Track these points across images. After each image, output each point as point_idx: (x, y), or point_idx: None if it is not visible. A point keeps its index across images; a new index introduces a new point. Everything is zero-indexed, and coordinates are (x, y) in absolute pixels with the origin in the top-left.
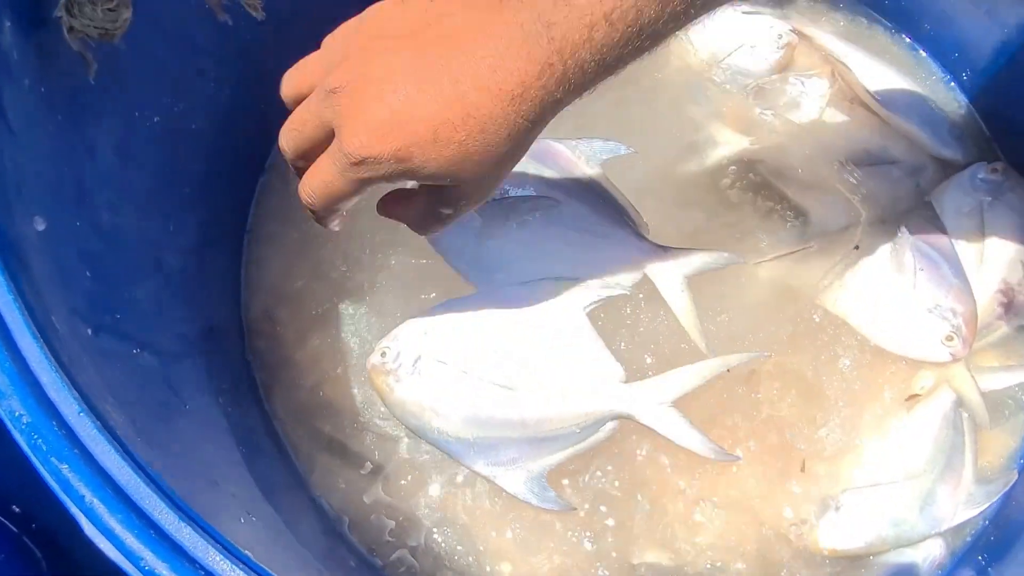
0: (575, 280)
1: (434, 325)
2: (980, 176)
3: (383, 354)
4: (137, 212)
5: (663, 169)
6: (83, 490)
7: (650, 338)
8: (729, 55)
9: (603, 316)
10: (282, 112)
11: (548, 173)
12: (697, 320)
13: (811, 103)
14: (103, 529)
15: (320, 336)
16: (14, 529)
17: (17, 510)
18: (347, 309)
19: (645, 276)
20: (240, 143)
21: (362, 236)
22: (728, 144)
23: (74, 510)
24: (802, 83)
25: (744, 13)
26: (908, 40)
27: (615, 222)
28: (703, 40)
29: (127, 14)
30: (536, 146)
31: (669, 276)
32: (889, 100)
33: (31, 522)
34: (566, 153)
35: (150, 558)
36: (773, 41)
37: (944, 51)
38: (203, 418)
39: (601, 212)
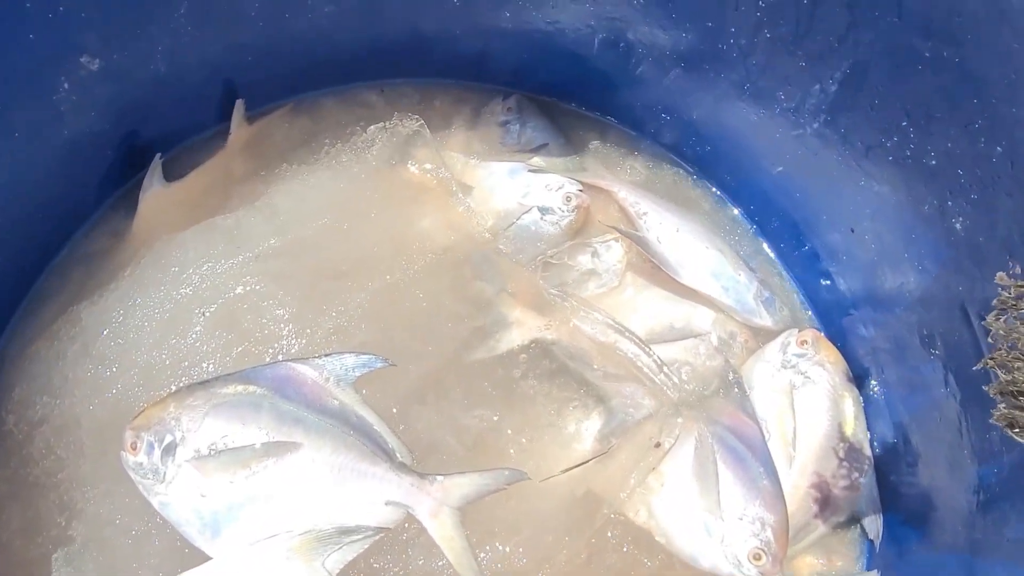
0: (318, 532)
1: None
2: (790, 349)
3: None
4: None
5: (444, 365)
6: None
7: None
8: (517, 219)
9: (361, 565)
10: None
11: (287, 407)
12: (471, 558)
13: (608, 273)
14: None
15: None
16: None
17: None
18: (64, 573)
19: (410, 514)
20: None
21: (84, 484)
22: (520, 326)
23: None
24: (594, 252)
25: (531, 172)
26: (713, 188)
27: (370, 457)
28: (487, 206)
29: None
30: (275, 372)
31: (437, 511)
32: (692, 266)
33: None
34: (311, 378)
35: None
36: (563, 203)
37: (746, 200)
38: None
39: (352, 448)
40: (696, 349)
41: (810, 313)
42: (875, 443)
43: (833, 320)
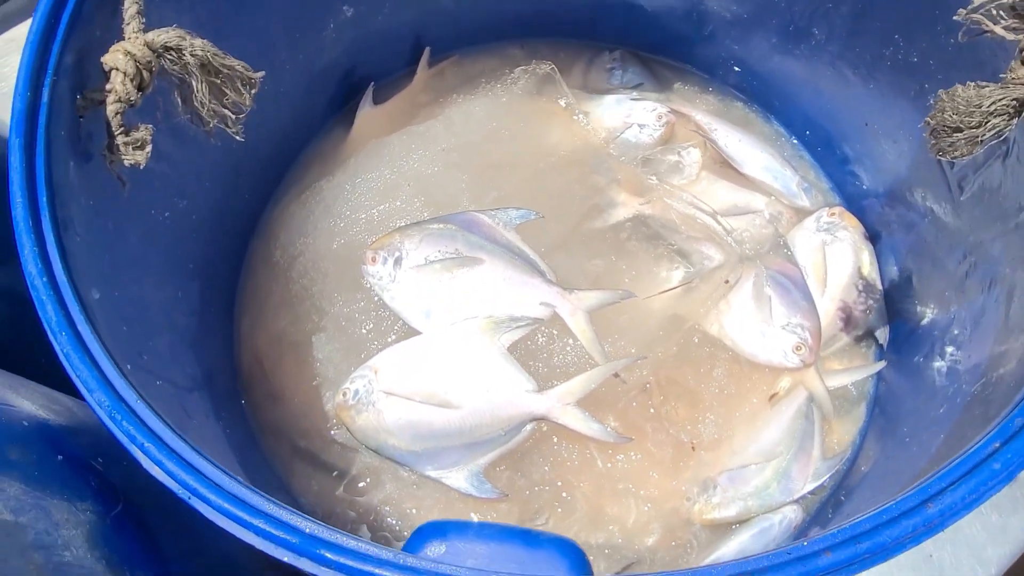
0: (497, 319)
1: (384, 365)
2: (822, 219)
3: (344, 394)
4: (153, 284)
5: (572, 228)
6: (139, 439)
7: (561, 361)
8: (622, 133)
9: (522, 347)
10: (260, 193)
11: (473, 239)
12: (599, 344)
13: (688, 168)
14: (155, 460)
15: (298, 371)
16: (101, 471)
17: (100, 461)
18: (320, 349)
19: (556, 313)
20: (231, 225)
21: (331, 295)
22: (625, 205)
23: (136, 453)
24: (679, 153)
25: (633, 99)
26: (763, 112)
27: (529, 272)
28: (601, 122)
29: (148, 149)
30: (464, 217)
31: (574, 311)
32: (750, 162)
33: (110, 468)
34: (487, 221)
35: (179, 474)
36: (656, 120)
37: (790, 119)
38: (208, 433)
39: (517, 266)
40: (753, 222)
41: (838, 199)
42: (884, 281)
43: (855, 204)
